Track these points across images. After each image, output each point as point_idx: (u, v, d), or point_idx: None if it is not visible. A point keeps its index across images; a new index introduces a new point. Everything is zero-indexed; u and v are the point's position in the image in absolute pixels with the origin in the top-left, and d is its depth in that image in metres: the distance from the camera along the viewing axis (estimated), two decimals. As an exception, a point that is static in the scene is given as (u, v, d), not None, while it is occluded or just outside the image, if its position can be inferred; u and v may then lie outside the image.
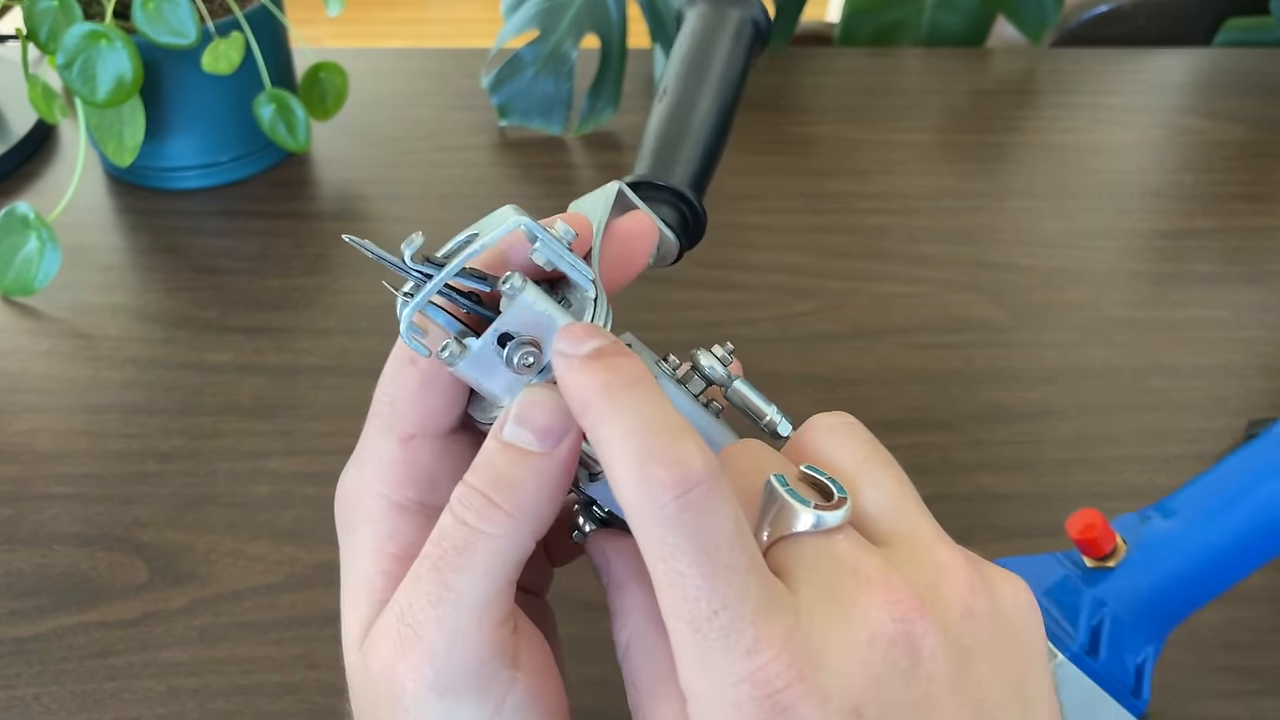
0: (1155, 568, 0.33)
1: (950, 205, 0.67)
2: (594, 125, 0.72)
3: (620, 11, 0.70)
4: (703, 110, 0.30)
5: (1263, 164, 0.71)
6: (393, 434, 0.25)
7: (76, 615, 0.43)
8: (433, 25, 2.62)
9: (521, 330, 0.23)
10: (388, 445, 0.25)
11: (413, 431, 0.25)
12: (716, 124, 0.30)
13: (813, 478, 0.23)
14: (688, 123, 0.30)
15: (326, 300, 0.59)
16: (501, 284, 0.23)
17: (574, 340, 0.22)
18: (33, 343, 0.56)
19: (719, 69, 0.30)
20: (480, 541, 0.22)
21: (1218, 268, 0.62)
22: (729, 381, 0.27)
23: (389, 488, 0.24)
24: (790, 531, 0.21)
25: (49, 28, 0.56)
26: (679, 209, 0.29)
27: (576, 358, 0.21)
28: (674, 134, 0.29)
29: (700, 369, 0.26)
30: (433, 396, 0.24)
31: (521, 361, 0.23)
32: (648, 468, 0.20)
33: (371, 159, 0.70)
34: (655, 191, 0.29)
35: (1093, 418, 0.52)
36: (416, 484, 0.25)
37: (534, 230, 0.23)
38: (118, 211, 0.66)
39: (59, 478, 0.48)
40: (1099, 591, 0.32)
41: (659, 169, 0.29)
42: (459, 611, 0.22)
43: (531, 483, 0.22)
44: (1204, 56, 0.86)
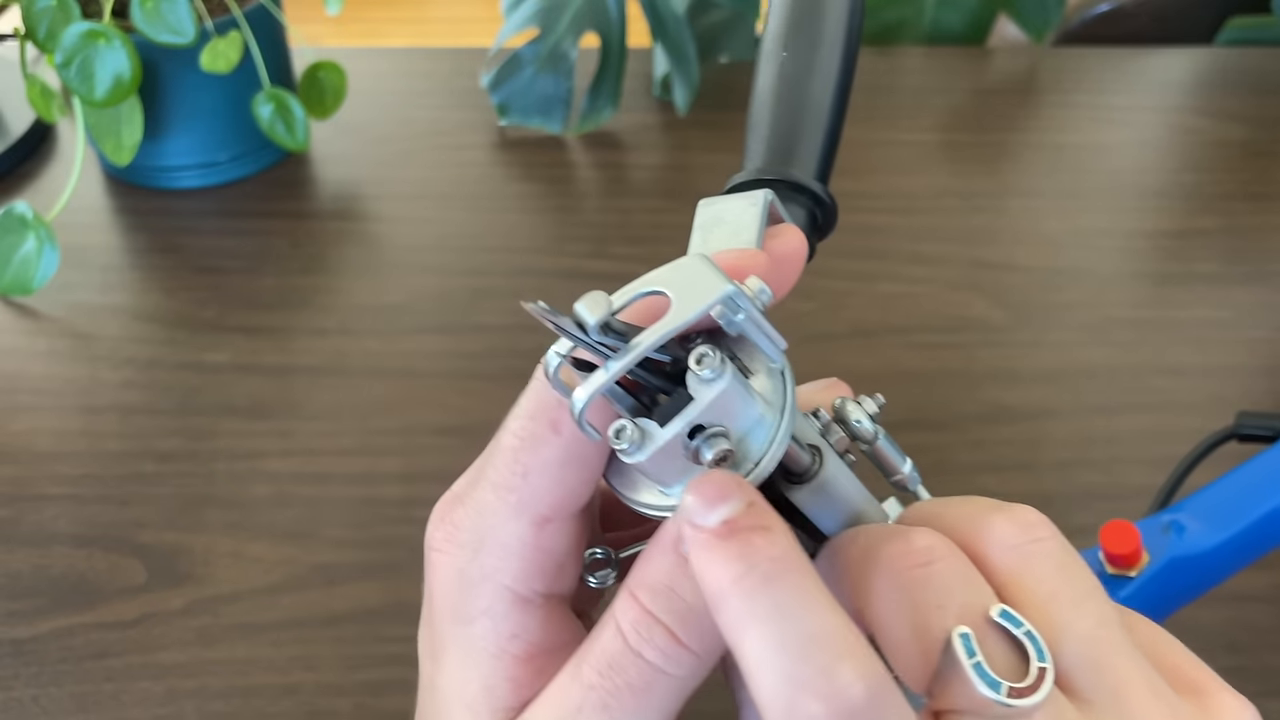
0: (1175, 579, 0.33)
1: (951, 205, 0.67)
2: (594, 124, 0.72)
3: (620, 10, 0.70)
4: (823, 77, 0.25)
5: (1265, 163, 0.71)
6: (525, 515, 0.21)
7: (74, 616, 0.43)
8: (432, 24, 2.62)
9: (719, 421, 0.19)
10: (518, 529, 0.21)
11: (549, 514, 0.21)
12: (839, 93, 0.25)
13: (1008, 631, 0.19)
14: (807, 95, 0.25)
15: (325, 300, 0.58)
16: (694, 363, 0.19)
17: (702, 504, 0.18)
18: (30, 343, 0.56)
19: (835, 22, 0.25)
20: (660, 683, 0.19)
21: (1219, 267, 0.62)
22: (875, 438, 0.23)
23: (515, 579, 0.21)
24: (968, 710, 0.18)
25: (47, 27, 0.56)
26: (808, 207, 0.25)
27: (704, 533, 0.18)
28: (793, 111, 0.25)
29: (848, 423, 0.23)
30: (576, 473, 0.21)
31: (714, 459, 0.19)
32: (798, 698, 0.16)
33: (370, 158, 0.70)
34: (781, 188, 0.24)
35: (1093, 418, 0.52)
36: (546, 574, 0.21)
37: (739, 301, 0.19)
38: (116, 211, 0.66)
39: (57, 478, 0.48)
40: (1119, 601, 0.32)
41: (781, 159, 0.24)
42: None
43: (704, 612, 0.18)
44: (1206, 56, 0.86)
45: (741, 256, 0.21)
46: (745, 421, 0.19)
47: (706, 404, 0.19)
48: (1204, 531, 0.33)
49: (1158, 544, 0.33)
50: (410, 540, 0.46)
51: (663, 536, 0.20)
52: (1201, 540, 0.33)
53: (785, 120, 0.25)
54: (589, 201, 0.68)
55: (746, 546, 0.17)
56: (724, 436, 0.19)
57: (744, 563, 0.17)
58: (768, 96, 0.25)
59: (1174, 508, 0.34)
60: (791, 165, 0.24)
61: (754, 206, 0.23)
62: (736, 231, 0.23)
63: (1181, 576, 0.33)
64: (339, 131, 0.72)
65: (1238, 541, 0.33)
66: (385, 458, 0.49)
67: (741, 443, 0.19)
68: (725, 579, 0.17)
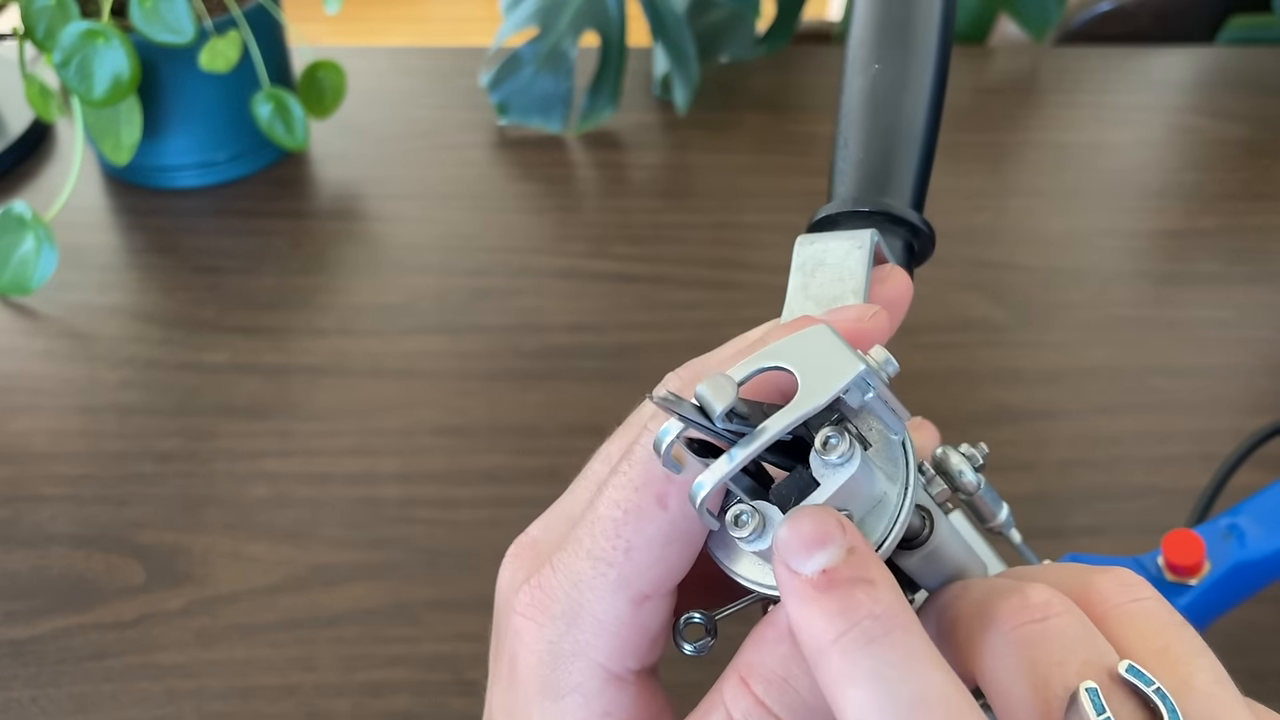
0: (1233, 587, 0.33)
1: (952, 204, 0.67)
2: (594, 124, 0.72)
3: (620, 9, 0.70)
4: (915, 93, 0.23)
5: (1266, 163, 0.71)
6: (625, 593, 0.20)
7: (73, 617, 0.42)
8: (431, 23, 2.62)
9: (845, 505, 0.18)
10: (616, 606, 0.20)
11: (649, 592, 0.20)
12: (932, 110, 0.23)
13: (1136, 688, 0.18)
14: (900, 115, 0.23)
15: (324, 300, 0.58)
16: (819, 444, 0.18)
17: (799, 546, 0.17)
18: (29, 342, 0.56)
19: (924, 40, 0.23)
20: None
21: (1221, 267, 0.62)
22: (977, 489, 0.22)
23: (610, 657, 0.20)
24: None
25: (46, 26, 0.56)
26: (905, 239, 0.23)
27: (801, 582, 0.17)
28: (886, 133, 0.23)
29: (950, 476, 0.22)
30: (680, 551, 0.20)
31: None
32: None
33: (370, 157, 0.70)
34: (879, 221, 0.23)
35: (1095, 418, 0.52)
36: (640, 651, 0.20)
37: (870, 381, 0.18)
38: (115, 210, 0.66)
39: (55, 478, 0.48)
40: (1180, 608, 0.32)
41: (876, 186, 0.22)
42: None
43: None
44: (1207, 55, 0.86)
45: (861, 318, 0.20)
46: (868, 502, 0.18)
47: (834, 491, 0.18)
48: (1265, 535, 0.33)
49: (1219, 550, 0.33)
50: (410, 540, 0.46)
51: (779, 620, 0.19)
52: (1263, 544, 0.33)
53: (879, 141, 0.23)
54: (589, 201, 0.68)
55: (849, 601, 0.17)
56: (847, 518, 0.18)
57: (845, 620, 0.17)
58: (858, 115, 0.23)
59: (1232, 511, 0.34)
60: (888, 193, 0.23)
61: (860, 249, 0.22)
62: (841, 277, 0.21)
63: (1242, 581, 0.33)
64: (338, 131, 0.71)
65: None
66: (384, 458, 0.49)
67: (863, 523, 0.18)
68: (825, 636, 0.17)
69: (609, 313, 0.56)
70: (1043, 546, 0.45)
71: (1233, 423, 0.52)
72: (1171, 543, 0.32)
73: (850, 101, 0.23)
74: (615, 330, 0.55)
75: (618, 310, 0.55)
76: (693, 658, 0.21)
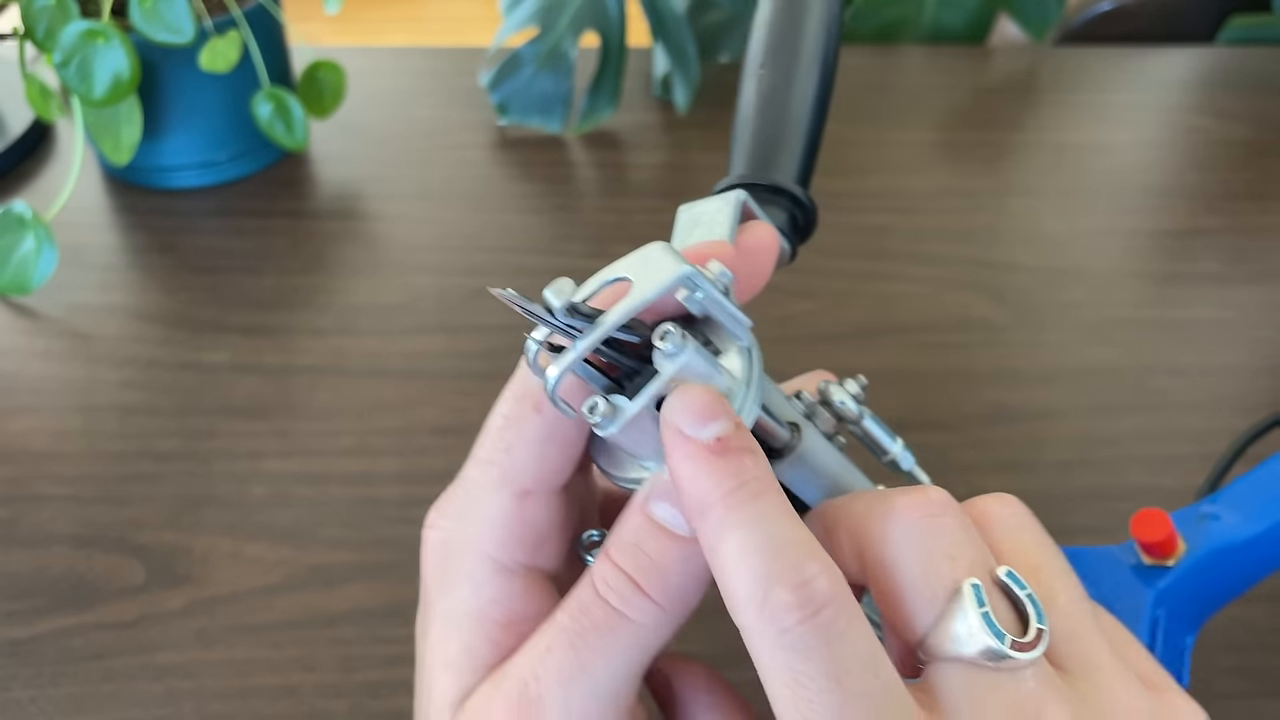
0: (1215, 569, 0.32)
1: (952, 204, 0.67)
2: (594, 124, 0.72)
3: (620, 9, 0.70)
4: (801, 91, 0.26)
5: (1267, 163, 0.71)
6: (507, 489, 0.22)
7: (73, 617, 0.42)
8: (431, 23, 2.62)
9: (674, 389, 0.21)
10: (500, 501, 0.22)
11: (530, 487, 0.22)
12: (817, 105, 0.27)
13: (1010, 590, 0.20)
14: (786, 107, 0.26)
15: (324, 300, 0.58)
16: (658, 339, 0.20)
17: (693, 417, 0.19)
18: (29, 342, 0.56)
19: (812, 40, 0.27)
20: (624, 628, 0.21)
21: (1222, 267, 0.62)
22: (860, 418, 0.25)
23: (496, 548, 0.22)
24: (964, 656, 0.19)
25: (46, 26, 0.56)
26: (788, 209, 0.26)
27: (695, 445, 0.19)
28: (773, 122, 0.26)
29: (832, 405, 0.24)
30: (557, 449, 0.22)
31: None
32: (772, 590, 0.18)
33: (370, 157, 0.70)
34: (761, 192, 0.26)
35: (1095, 418, 0.52)
36: (526, 545, 0.23)
37: (699, 283, 0.20)
38: (115, 210, 0.66)
39: (55, 478, 0.48)
40: (1158, 592, 0.32)
41: (763, 166, 0.26)
42: (589, 696, 0.20)
43: (680, 570, 0.21)
44: (1208, 55, 0.86)
45: (708, 247, 0.23)
46: None
47: (670, 376, 0.20)
48: (1242, 521, 0.32)
49: (1195, 534, 0.32)
50: (409, 540, 0.46)
51: (635, 499, 0.21)
52: (1240, 530, 0.32)
53: (765, 130, 0.26)
54: (589, 201, 0.68)
55: (738, 465, 0.19)
56: None
57: (734, 479, 0.19)
58: (749, 110, 0.27)
59: (1211, 499, 0.34)
60: (772, 171, 0.26)
61: (728, 205, 0.24)
62: (711, 229, 0.24)
63: (1223, 568, 0.32)
64: (338, 131, 0.71)
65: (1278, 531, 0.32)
66: (384, 458, 0.49)
67: None
68: (713, 492, 0.19)
69: (609, 313, 0.56)
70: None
71: (1233, 423, 0.51)
72: (1139, 520, 0.32)
73: (745, 99, 0.27)
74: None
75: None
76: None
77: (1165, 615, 0.32)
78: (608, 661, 0.20)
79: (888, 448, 0.26)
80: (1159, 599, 0.32)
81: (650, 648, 0.21)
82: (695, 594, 0.21)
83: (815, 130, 0.27)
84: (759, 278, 0.24)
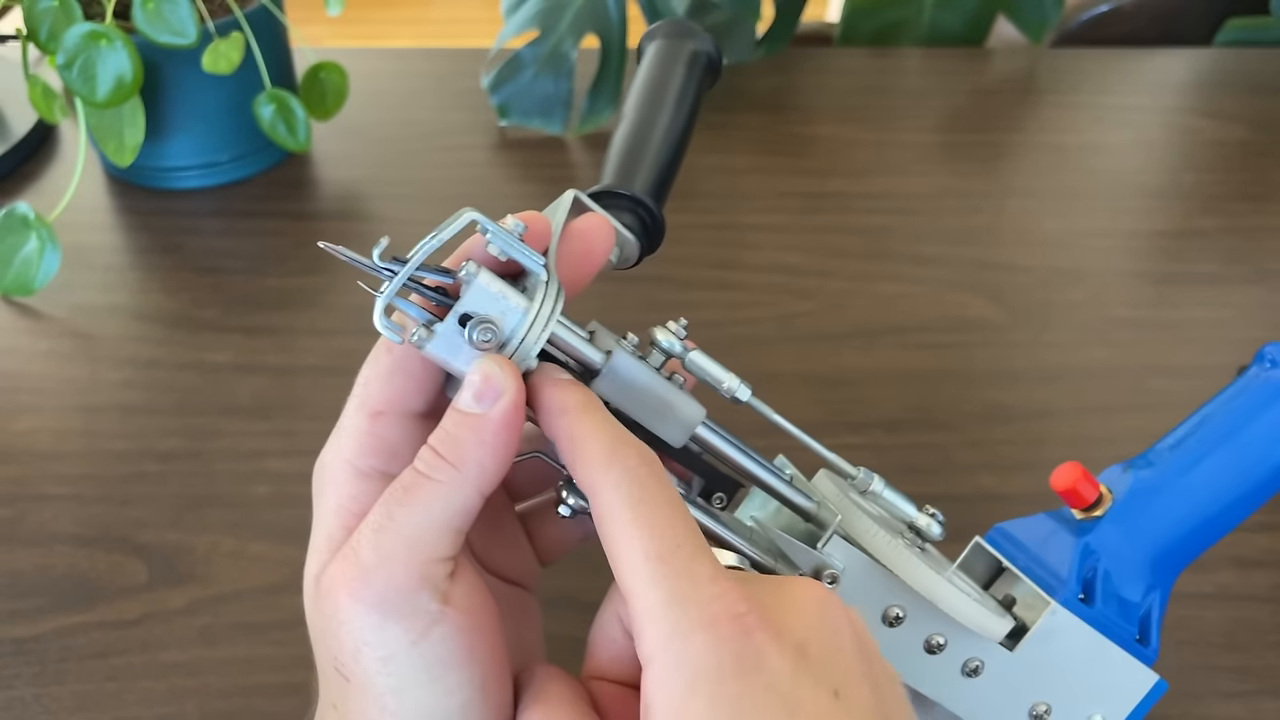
0: (1143, 513, 0.33)
1: (950, 205, 0.67)
2: (594, 125, 0.72)
3: (620, 11, 0.70)
4: (660, 129, 0.33)
5: (1263, 164, 0.71)
6: (364, 410, 0.27)
7: (76, 616, 0.43)
8: (432, 25, 2.62)
9: (479, 310, 0.26)
10: (358, 420, 0.27)
11: (381, 409, 0.27)
12: (673, 141, 0.33)
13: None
14: (647, 139, 0.33)
15: (326, 300, 0.59)
16: (460, 273, 0.26)
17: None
18: (32, 343, 0.56)
19: (675, 93, 0.34)
20: (424, 485, 0.25)
21: (1218, 268, 0.62)
22: (685, 354, 0.29)
23: (354, 456, 0.27)
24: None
25: (49, 28, 0.56)
26: (639, 215, 0.31)
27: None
28: (634, 149, 0.32)
29: (658, 344, 0.29)
30: (403, 380, 0.27)
31: (480, 338, 0.25)
32: (616, 448, 0.25)
33: (371, 159, 0.70)
34: (616, 199, 0.31)
35: (1093, 418, 0.52)
36: (380, 455, 0.27)
37: (484, 223, 0.26)
38: (117, 211, 0.66)
39: (58, 478, 0.48)
40: (1089, 540, 0.33)
41: (620, 179, 0.32)
42: (393, 539, 0.25)
43: (471, 438, 0.25)
44: (1204, 56, 0.86)
45: (521, 215, 0.28)
46: (509, 314, 0.26)
47: (466, 296, 0.25)
48: (1166, 463, 0.34)
49: (1120, 484, 0.34)
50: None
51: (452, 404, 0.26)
52: (1162, 470, 0.34)
53: (628, 153, 0.32)
54: (589, 202, 0.69)
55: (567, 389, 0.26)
56: (490, 324, 0.25)
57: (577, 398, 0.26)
58: (619, 135, 0.33)
59: (1140, 456, 0.35)
60: (629, 184, 0.31)
61: (562, 203, 0.29)
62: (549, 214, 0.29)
63: (1152, 514, 0.33)
64: (340, 132, 0.72)
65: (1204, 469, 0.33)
66: (386, 457, 0.49)
67: (505, 329, 0.26)
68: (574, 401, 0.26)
69: (608, 313, 0.55)
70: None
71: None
72: (1057, 473, 0.33)
73: (615, 138, 0.33)
74: (615, 330, 0.55)
75: (617, 310, 0.56)
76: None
77: (1107, 569, 0.32)
78: (409, 512, 0.25)
79: (721, 378, 0.29)
80: (1092, 549, 0.33)
81: (450, 504, 0.25)
82: (489, 458, 0.25)
83: (670, 160, 0.33)
84: (593, 256, 0.29)
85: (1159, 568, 0.33)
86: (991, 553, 0.33)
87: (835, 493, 0.31)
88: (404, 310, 0.26)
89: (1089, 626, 0.31)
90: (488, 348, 0.26)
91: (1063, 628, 0.31)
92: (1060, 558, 0.32)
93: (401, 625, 0.24)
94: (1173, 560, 0.33)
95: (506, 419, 0.25)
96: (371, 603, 0.24)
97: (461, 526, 0.25)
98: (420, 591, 0.24)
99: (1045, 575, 0.32)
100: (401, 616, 0.24)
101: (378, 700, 0.25)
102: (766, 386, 0.57)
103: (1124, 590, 0.32)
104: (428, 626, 0.25)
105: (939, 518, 0.31)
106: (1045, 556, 0.33)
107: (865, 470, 0.31)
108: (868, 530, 0.29)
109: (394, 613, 0.24)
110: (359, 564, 0.25)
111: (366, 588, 0.24)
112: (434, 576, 0.25)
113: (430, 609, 0.25)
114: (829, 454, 0.30)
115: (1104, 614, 0.32)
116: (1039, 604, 0.31)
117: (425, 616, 0.25)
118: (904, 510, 0.31)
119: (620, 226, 0.30)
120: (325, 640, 0.26)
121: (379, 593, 0.24)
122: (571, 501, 0.29)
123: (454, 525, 0.25)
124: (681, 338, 0.29)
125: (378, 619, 0.24)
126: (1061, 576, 0.32)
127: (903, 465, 0.49)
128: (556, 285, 0.27)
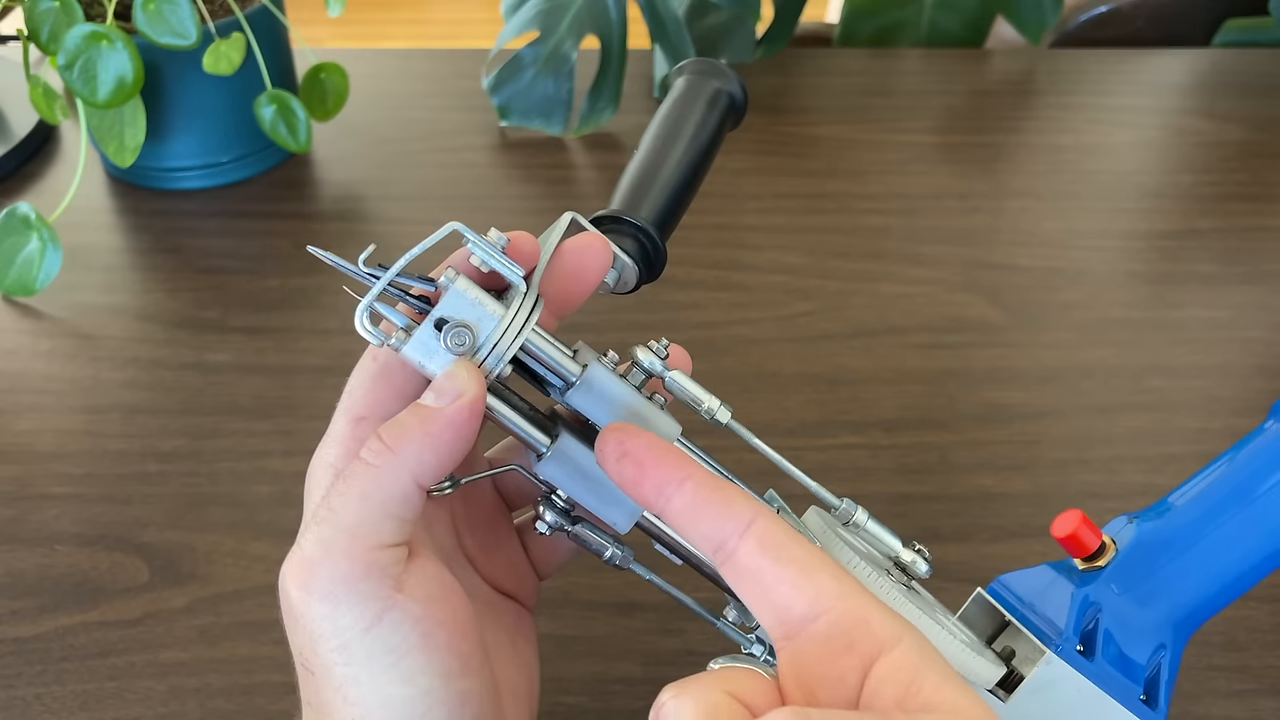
0: (1150, 571, 0.32)
1: (949, 205, 0.67)
2: (594, 126, 0.72)
3: (620, 12, 0.70)
4: (672, 161, 0.33)
5: (1261, 164, 0.72)
6: (347, 415, 0.28)
7: (78, 615, 0.43)
8: (433, 26, 2.63)
9: (455, 315, 0.26)
10: (341, 424, 0.28)
11: (363, 414, 0.28)
12: (684, 176, 0.33)
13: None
14: (657, 171, 0.33)
15: (327, 300, 0.59)
16: (440, 280, 0.27)
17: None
18: (33, 343, 0.56)
19: (692, 129, 0.34)
20: (362, 471, 0.25)
21: (1217, 268, 0.62)
22: (665, 374, 0.29)
23: (337, 459, 0.28)
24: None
25: (50, 28, 0.57)
26: (641, 242, 0.32)
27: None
28: (643, 179, 0.33)
29: (639, 363, 0.29)
30: (384, 386, 0.28)
31: (454, 342, 0.26)
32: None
33: (372, 159, 0.70)
34: (620, 225, 0.32)
35: (1091, 418, 0.52)
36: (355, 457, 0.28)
37: (467, 234, 0.26)
38: (119, 212, 0.66)
39: (60, 478, 0.48)
40: (1089, 591, 0.32)
41: (626, 207, 0.32)
42: (333, 529, 0.25)
43: (416, 427, 0.25)
44: (1203, 57, 0.86)
45: (510, 235, 0.28)
46: (483, 320, 0.26)
47: (444, 301, 0.26)
48: (1174, 516, 0.33)
49: (1124, 535, 0.33)
50: (412, 539, 0.46)
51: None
52: (1170, 523, 0.32)
53: (638, 182, 0.33)
54: (589, 202, 0.69)
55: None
56: (464, 329, 0.26)
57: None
58: (633, 164, 0.33)
59: (1149, 508, 0.34)
60: (635, 212, 0.32)
61: (560, 224, 0.30)
62: (543, 239, 0.29)
63: (1156, 566, 0.32)
64: (341, 133, 0.72)
65: (1217, 526, 0.32)
66: (387, 457, 0.49)
67: (479, 335, 0.26)
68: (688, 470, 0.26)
69: (608, 313, 0.56)
70: (1039, 546, 0.46)
71: (1228, 422, 0.52)
72: (1055, 524, 0.32)
73: (628, 167, 0.34)
74: (615, 330, 0.55)
75: (617, 310, 0.56)
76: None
77: (1110, 624, 0.31)
78: (346, 500, 0.25)
79: (701, 399, 0.29)
80: (1093, 601, 0.31)
81: (385, 489, 0.25)
82: (431, 449, 0.25)
83: (679, 194, 0.33)
84: (586, 274, 0.29)
85: (1167, 629, 0.32)
86: (991, 603, 0.32)
87: (821, 527, 0.30)
88: (388, 316, 0.27)
89: (1087, 680, 0.30)
90: (461, 352, 0.26)
91: (1060, 679, 0.30)
92: (1059, 607, 0.31)
93: (352, 613, 0.25)
94: (1184, 623, 0.32)
95: (457, 416, 0.25)
96: (321, 593, 0.25)
97: (402, 514, 0.26)
98: (368, 579, 0.25)
99: (1043, 626, 0.31)
100: (351, 604, 0.25)
101: (339, 691, 0.25)
102: (766, 386, 0.57)
103: (1128, 648, 0.31)
104: (380, 613, 0.25)
105: (925, 554, 0.30)
106: (1044, 607, 0.31)
107: (849, 501, 0.30)
108: (850, 565, 0.28)
109: (343, 601, 0.25)
110: (304, 556, 0.25)
111: (313, 578, 0.25)
112: (381, 563, 0.25)
113: (381, 595, 0.25)
114: (810, 482, 0.30)
115: (1104, 668, 0.30)
116: (1037, 655, 0.30)
117: (376, 603, 0.25)
118: (889, 544, 0.30)
119: (620, 251, 0.30)
120: (291, 637, 0.26)
121: (325, 582, 0.25)
122: (549, 519, 0.29)
123: (392, 512, 0.25)
124: (663, 357, 0.29)
125: (328, 608, 0.25)
126: (1059, 626, 0.30)
127: (901, 465, 0.49)
128: (535, 297, 0.27)
